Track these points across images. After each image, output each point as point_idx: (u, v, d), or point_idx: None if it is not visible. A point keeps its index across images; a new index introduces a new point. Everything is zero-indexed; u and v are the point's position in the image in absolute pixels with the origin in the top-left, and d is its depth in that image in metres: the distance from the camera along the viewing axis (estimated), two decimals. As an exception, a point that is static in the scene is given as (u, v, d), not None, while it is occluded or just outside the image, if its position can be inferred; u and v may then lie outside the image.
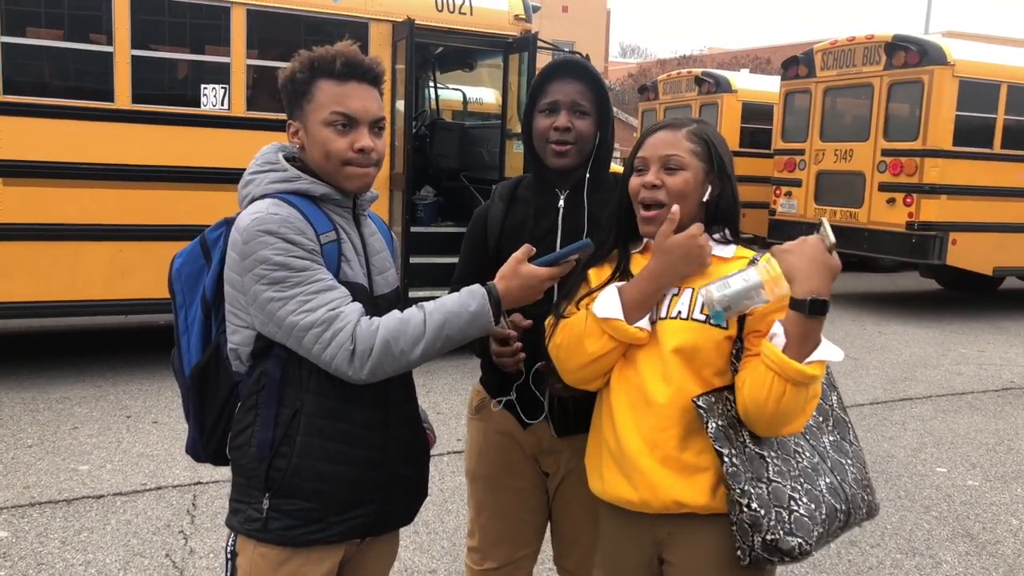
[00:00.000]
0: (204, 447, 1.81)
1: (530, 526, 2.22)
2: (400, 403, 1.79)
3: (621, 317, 1.68)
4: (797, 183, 10.81)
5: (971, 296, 11.25)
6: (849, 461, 1.76)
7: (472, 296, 1.65)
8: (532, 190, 2.12)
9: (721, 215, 1.76)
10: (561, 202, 2.06)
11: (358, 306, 1.64)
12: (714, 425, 1.60)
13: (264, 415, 1.65)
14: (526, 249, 1.71)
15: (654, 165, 1.73)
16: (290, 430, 1.64)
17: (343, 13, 6.39)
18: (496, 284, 1.69)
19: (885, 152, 9.62)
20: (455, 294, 1.68)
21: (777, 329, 1.56)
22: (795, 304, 1.53)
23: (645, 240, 1.79)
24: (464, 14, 6.77)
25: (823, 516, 1.61)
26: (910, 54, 9.36)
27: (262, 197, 1.68)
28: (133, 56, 5.70)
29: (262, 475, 1.64)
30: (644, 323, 1.69)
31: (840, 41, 10.36)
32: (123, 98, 5.72)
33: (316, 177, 1.72)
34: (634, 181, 1.75)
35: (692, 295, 1.69)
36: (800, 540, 1.56)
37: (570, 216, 2.04)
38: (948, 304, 10.78)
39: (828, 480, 1.67)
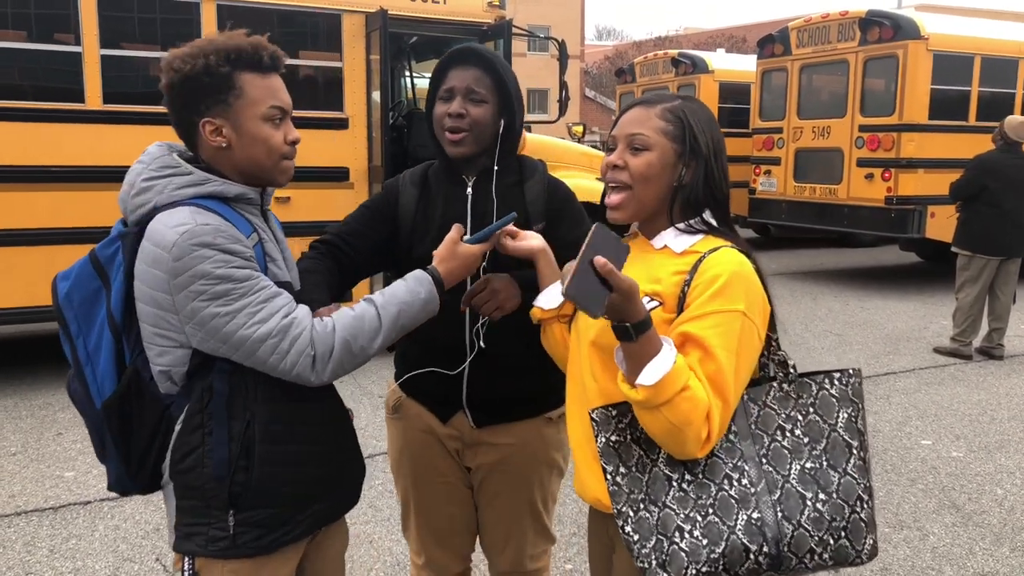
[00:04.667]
0: (134, 479, 1.68)
1: (459, 522, 2.20)
2: (331, 391, 1.77)
3: (541, 304, 1.82)
4: (776, 161, 10.85)
5: (951, 268, 11.36)
6: (821, 496, 1.49)
7: (419, 283, 1.70)
8: (440, 177, 2.10)
9: (695, 202, 1.60)
10: (469, 189, 2.04)
11: (306, 309, 1.61)
12: (603, 439, 1.50)
13: (217, 433, 1.57)
14: (458, 229, 1.79)
15: (621, 143, 1.62)
16: (246, 442, 1.58)
17: (314, 5, 6.32)
18: (437, 267, 1.74)
19: (862, 128, 9.67)
20: (401, 282, 1.70)
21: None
22: (613, 328, 1.42)
23: (633, 226, 1.70)
24: (437, 3, 6.72)
25: (716, 554, 1.42)
26: (884, 29, 9.40)
27: (169, 205, 1.56)
28: (102, 56, 5.62)
29: (224, 493, 1.57)
30: (542, 300, 1.80)
31: (814, 18, 10.39)
32: (94, 99, 5.64)
33: (223, 177, 1.62)
34: (604, 160, 1.66)
35: None
36: (668, 575, 1.43)
37: (479, 202, 2.03)
38: (928, 277, 10.87)
39: (756, 515, 1.45)
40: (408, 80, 8.42)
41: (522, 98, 2.07)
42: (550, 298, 1.78)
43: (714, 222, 1.62)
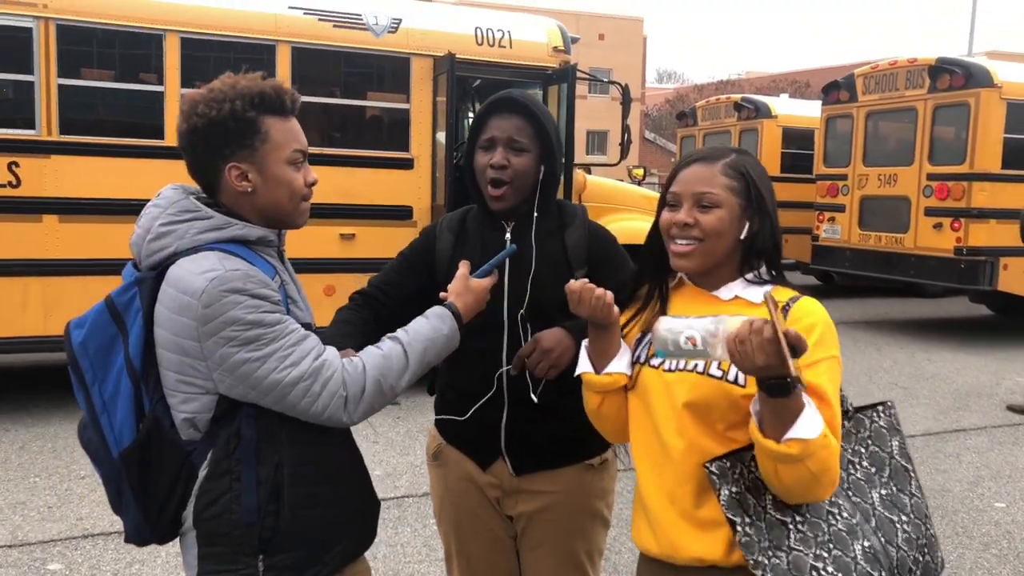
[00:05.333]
0: (153, 528, 1.63)
1: (501, 571, 2.15)
2: (348, 429, 1.74)
3: (590, 369, 1.72)
4: (840, 208, 10.67)
5: (1024, 322, 10.97)
6: (904, 518, 1.61)
7: (441, 320, 1.73)
8: (479, 222, 2.09)
9: (757, 252, 1.65)
10: (508, 235, 2.03)
11: (334, 350, 1.61)
12: (727, 492, 1.51)
13: (245, 479, 1.55)
14: (466, 264, 1.87)
15: (687, 202, 1.63)
16: (274, 487, 1.56)
17: (386, 49, 6.51)
18: (455, 302, 1.79)
19: (931, 176, 9.47)
20: (423, 319, 1.74)
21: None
22: (758, 383, 1.42)
23: (679, 275, 1.73)
24: (504, 47, 6.86)
25: None
26: (955, 77, 9.23)
27: (191, 250, 1.55)
28: (183, 95, 5.87)
29: (254, 539, 1.55)
30: (615, 367, 1.69)
31: (882, 65, 10.27)
32: (173, 136, 5.87)
33: (244, 220, 1.61)
34: (665, 216, 1.66)
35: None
36: None
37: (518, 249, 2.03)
38: (1000, 331, 10.51)
39: (867, 543, 1.53)
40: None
41: (562, 143, 2.08)
42: (621, 364, 1.72)
43: (773, 273, 1.67)
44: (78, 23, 5.66)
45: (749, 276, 1.65)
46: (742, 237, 1.63)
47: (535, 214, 2.02)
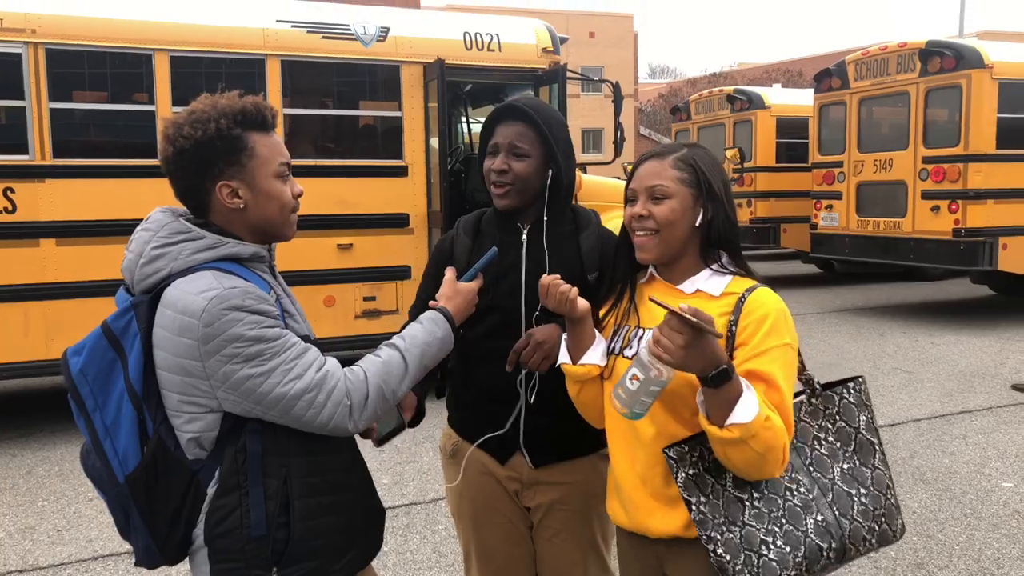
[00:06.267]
0: (162, 550, 1.63)
1: (520, 562, 2.21)
2: (352, 436, 1.76)
3: (567, 360, 1.85)
4: (837, 196, 10.67)
5: (1026, 301, 10.95)
6: (863, 491, 1.72)
7: (435, 324, 1.78)
8: (495, 225, 2.18)
9: (717, 239, 1.75)
10: (524, 237, 2.11)
11: (335, 361, 1.64)
12: (683, 475, 1.63)
13: (253, 493, 1.56)
14: (452, 271, 1.97)
15: (642, 196, 1.76)
16: (283, 499, 1.58)
17: (375, 58, 6.52)
18: (446, 305, 1.84)
19: (926, 159, 9.47)
20: (417, 325, 1.78)
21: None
22: (700, 379, 1.54)
23: (649, 269, 1.83)
24: (493, 51, 6.86)
25: (799, 558, 1.60)
26: (946, 59, 9.23)
27: (186, 271, 1.56)
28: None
29: (265, 552, 1.57)
30: (589, 357, 1.82)
31: (872, 51, 10.27)
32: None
33: (239, 238, 1.64)
34: (626, 211, 1.79)
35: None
36: None
37: (533, 250, 2.10)
38: (1002, 311, 10.50)
39: (820, 517, 1.65)
40: (465, 126, 8.58)
41: (570, 148, 2.13)
42: (595, 355, 1.84)
43: (735, 262, 1.77)
44: (67, 47, 5.67)
45: (714, 266, 1.75)
46: (697, 224, 1.74)
47: (545, 218, 2.10)
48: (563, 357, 1.86)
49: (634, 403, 1.56)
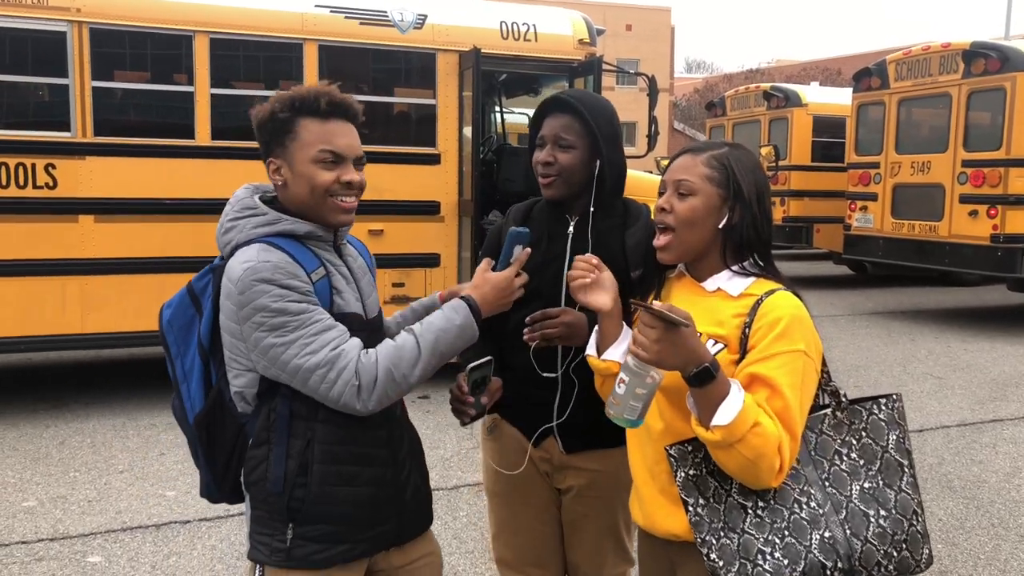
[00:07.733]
0: (219, 488, 1.87)
1: (549, 541, 2.26)
2: (398, 415, 1.88)
3: (593, 352, 1.84)
4: (873, 197, 10.53)
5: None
6: (883, 512, 1.61)
7: (455, 311, 1.78)
8: (544, 213, 2.21)
9: (743, 243, 1.71)
10: (571, 228, 2.14)
11: (357, 341, 1.70)
12: (683, 474, 1.61)
13: (276, 451, 1.70)
14: (488, 260, 1.91)
15: (669, 188, 1.73)
16: (305, 460, 1.70)
17: (411, 45, 6.54)
18: (471, 294, 1.82)
19: (966, 163, 9.30)
20: (438, 312, 1.80)
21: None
22: (684, 378, 1.52)
23: (679, 265, 1.81)
24: (529, 41, 6.85)
25: (797, 572, 1.54)
26: (990, 61, 9.05)
27: (247, 243, 1.71)
28: (212, 95, 5.95)
29: (283, 507, 1.70)
30: (611, 354, 1.79)
31: (914, 51, 10.10)
32: (203, 135, 5.96)
33: (296, 215, 1.76)
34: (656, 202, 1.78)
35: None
36: None
37: (579, 241, 2.12)
38: (1039, 319, 10.31)
39: (828, 534, 1.57)
40: (498, 116, 8.58)
41: (618, 140, 2.13)
42: (617, 352, 1.81)
43: (761, 264, 1.73)
44: (110, 26, 5.75)
45: (735, 267, 1.71)
46: (721, 226, 1.70)
47: (591, 209, 2.12)
48: (589, 348, 1.86)
49: (624, 408, 1.54)
